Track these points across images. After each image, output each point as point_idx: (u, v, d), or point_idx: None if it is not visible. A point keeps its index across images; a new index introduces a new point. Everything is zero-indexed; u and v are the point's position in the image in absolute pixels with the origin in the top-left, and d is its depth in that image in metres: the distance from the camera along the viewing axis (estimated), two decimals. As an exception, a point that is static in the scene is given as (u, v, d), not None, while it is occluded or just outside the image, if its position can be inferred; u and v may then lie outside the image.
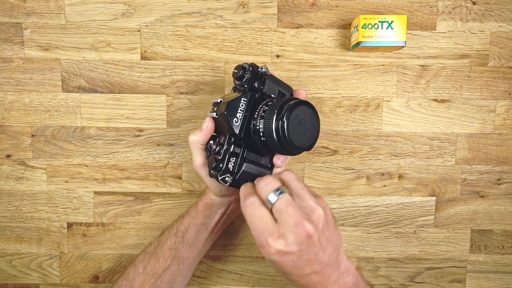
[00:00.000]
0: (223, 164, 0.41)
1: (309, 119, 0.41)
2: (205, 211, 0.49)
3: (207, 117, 0.44)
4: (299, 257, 0.36)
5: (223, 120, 0.42)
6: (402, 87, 0.56)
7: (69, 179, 0.58)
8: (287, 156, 0.46)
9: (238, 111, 0.41)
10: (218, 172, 0.41)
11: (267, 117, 0.40)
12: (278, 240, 0.36)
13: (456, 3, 0.55)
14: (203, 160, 0.45)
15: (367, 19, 0.50)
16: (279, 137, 0.39)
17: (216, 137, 0.44)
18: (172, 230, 0.51)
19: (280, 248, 0.36)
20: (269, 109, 0.40)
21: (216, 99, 0.44)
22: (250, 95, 0.42)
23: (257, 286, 0.60)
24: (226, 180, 0.41)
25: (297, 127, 0.39)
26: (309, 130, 0.41)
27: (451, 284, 0.59)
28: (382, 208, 0.58)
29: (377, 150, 0.57)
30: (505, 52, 0.56)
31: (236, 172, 0.42)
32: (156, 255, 0.50)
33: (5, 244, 0.59)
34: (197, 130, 0.44)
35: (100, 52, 0.56)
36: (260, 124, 0.40)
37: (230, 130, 0.42)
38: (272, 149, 0.41)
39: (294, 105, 0.39)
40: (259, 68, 0.44)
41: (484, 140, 0.57)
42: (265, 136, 0.40)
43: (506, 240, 0.59)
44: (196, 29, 0.56)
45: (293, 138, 0.39)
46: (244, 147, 0.42)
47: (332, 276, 0.38)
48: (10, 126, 0.57)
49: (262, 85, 0.44)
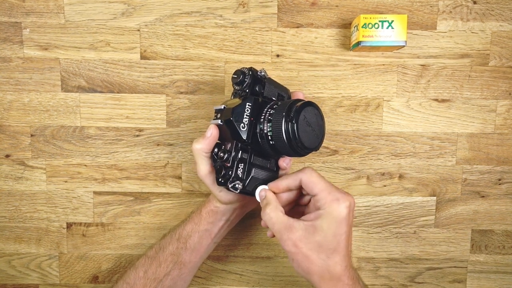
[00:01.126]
0: (232, 171, 0.41)
1: (315, 120, 0.41)
2: (209, 218, 0.49)
3: (211, 125, 0.43)
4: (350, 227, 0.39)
5: (229, 127, 0.42)
6: (402, 87, 0.56)
7: (69, 179, 0.57)
8: (292, 158, 0.46)
9: (244, 117, 0.41)
10: (227, 180, 0.41)
11: (275, 120, 0.40)
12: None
13: (457, 3, 0.55)
14: (209, 168, 0.44)
15: (367, 18, 0.50)
16: (289, 139, 0.39)
17: (221, 144, 0.44)
18: (174, 235, 0.50)
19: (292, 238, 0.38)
20: (276, 112, 0.40)
21: (218, 106, 0.44)
22: (254, 100, 0.42)
23: (257, 286, 0.59)
24: (237, 187, 0.41)
25: (306, 128, 0.40)
26: (316, 130, 0.41)
27: (451, 284, 0.59)
28: (382, 208, 0.58)
29: (377, 150, 0.57)
30: (506, 52, 0.55)
31: (246, 178, 0.42)
32: (158, 260, 0.49)
33: (4, 244, 0.58)
34: (201, 138, 0.43)
35: (99, 51, 0.56)
36: (268, 128, 0.40)
37: (237, 136, 0.41)
38: (281, 152, 0.41)
39: (302, 106, 0.39)
40: (258, 72, 0.44)
41: (485, 140, 0.57)
42: (274, 139, 0.40)
43: (507, 240, 0.58)
44: (196, 29, 0.55)
45: (303, 139, 0.39)
46: (251, 152, 0.42)
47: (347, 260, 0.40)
48: (9, 126, 0.56)
49: (263, 88, 0.44)
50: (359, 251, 0.59)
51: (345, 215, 0.38)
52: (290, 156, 0.43)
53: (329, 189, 0.39)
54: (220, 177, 0.42)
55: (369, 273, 0.59)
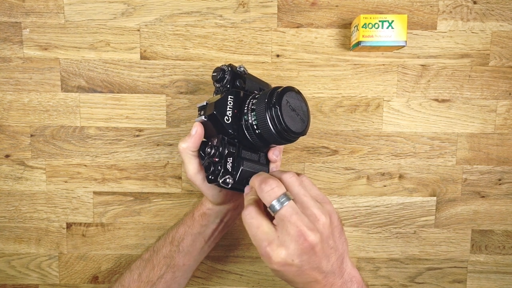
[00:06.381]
0: (222, 165, 0.40)
1: (299, 104, 0.41)
2: (202, 221, 0.48)
3: (195, 122, 0.43)
4: (300, 267, 0.35)
5: (214, 122, 0.41)
6: (402, 87, 0.56)
7: (68, 179, 0.57)
8: (281, 150, 0.46)
9: (227, 109, 0.41)
10: (217, 176, 0.40)
11: (258, 109, 0.40)
12: (279, 249, 0.35)
13: (457, 3, 0.55)
14: (197, 167, 0.43)
15: (367, 18, 0.50)
16: (275, 125, 0.39)
17: (207, 142, 0.43)
18: (167, 238, 0.50)
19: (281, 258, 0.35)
20: (258, 100, 0.40)
21: (200, 103, 0.43)
22: (235, 93, 0.42)
23: (257, 286, 0.59)
24: (228, 182, 0.40)
25: (290, 113, 0.39)
26: (301, 115, 0.41)
27: (451, 284, 0.59)
28: (382, 208, 0.58)
29: (377, 150, 0.57)
30: (506, 52, 0.55)
31: (236, 172, 0.41)
32: (152, 263, 0.49)
33: (4, 245, 0.58)
34: (186, 137, 0.42)
35: (99, 51, 0.55)
36: (252, 117, 0.40)
37: (223, 130, 0.41)
38: (268, 140, 0.41)
39: (282, 91, 0.39)
40: (237, 68, 0.44)
41: (485, 140, 0.57)
42: (260, 128, 0.40)
43: (507, 240, 0.58)
44: (196, 29, 0.55)
45: (289, 123, 0.39)
46: (238, 146, 0.42)
47: (335, 284, 0.37)
48: (9, 126, 0.56)
49: (244, 83, 0.44)
50: (359, 251, 0.59)
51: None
52: (278, 144, 0.42)
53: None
54: (209, 174, 0.41)
55: (369, 273, 0.59)
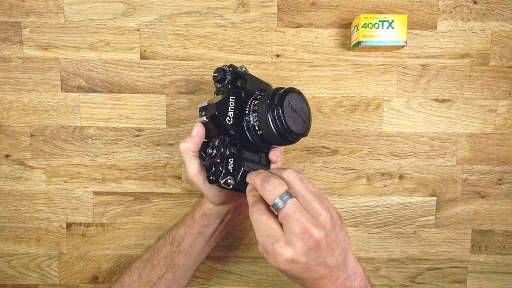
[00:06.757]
0: (223, 166, 0.40)
1: (300, 105, 0.41)
2: (202, 221, 0.48)
3: (197, 123, 0.43)
4: (307, 263, 0.35)
5: (215, 122, 0.41)
6: (402, 87, 0.56)
7: (68, 179, 0.57)
8: (282, 150, 0.46)
9: (228, 110, 0.41)
10: (218, 176, 0.40)
11: (260, 110, 0.40)
12: (285, 247, 0.35)
13: (457, 2, 0.55)
14: (198, 168, 0.43)
15: (367, 18, 0.50)
16: (277, 126, 0.39)
17: (208, 143, 0.43)
18: (168, 238, 0.50)
19: (287, 256, 0.35)
20: (260, 102, 0.40)
21: (202, 104, 0.43)
22: (237, 93, 0.42)
23: (257, 286, 0.59)
24: (229, 183, 0.40)
25: (292, 114, 0.39)
26: (302, 116, 0.41)
27: (452, 284, 0.59)
28: (382, 208, 0.58)
29: (377, 150, 0.57)
30: (506, 52, 0.55)
31: (237, 173, 0.41)
32: (152, 263, 0.49)
33: (4, 245, 0.58)
34: (187, 137, 0.43)
35: (99, 51, 0.55)
36: (254, 118, 0.40)
37: (224, 131, 0.41)
38: (270, 141, 0.41)
39: (285, 92, 0.39)
40: (238, 68, 0.44)
41: (485, 140, 0.57)
42: (262, 129, 0.40)
43: (507, 240, 0.58)
44: (195, 29, 0.55)
45: (290, 124, 0.39)
46: (240, 147, 0.42)
47: (339, 278, 0.37)
48: (9, 126, 0.56)
49: (245, 83, 0.44)
50: (359, 251, 0.59)
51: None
52: (279, 145, 0.42)
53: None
54: (211, 174, 0.41)
55: (369, 273, 0.59)
